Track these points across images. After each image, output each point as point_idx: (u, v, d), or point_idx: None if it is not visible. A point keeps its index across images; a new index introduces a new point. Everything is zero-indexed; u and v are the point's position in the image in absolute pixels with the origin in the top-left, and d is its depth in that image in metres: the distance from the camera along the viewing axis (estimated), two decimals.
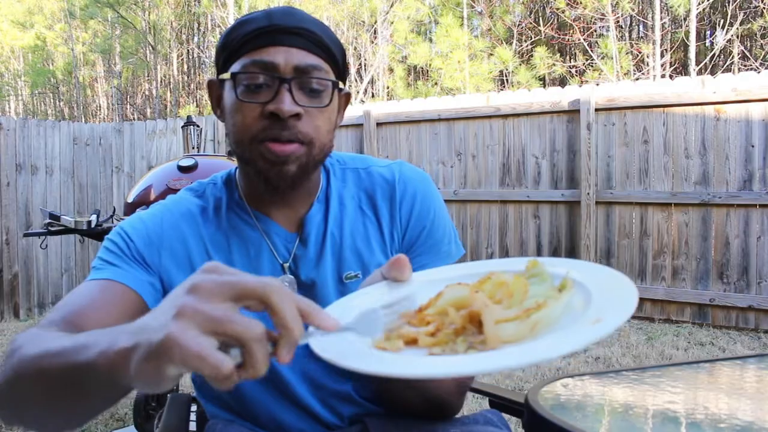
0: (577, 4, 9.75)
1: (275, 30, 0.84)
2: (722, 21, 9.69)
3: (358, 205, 0.97)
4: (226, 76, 0.87)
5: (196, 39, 15.90)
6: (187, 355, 0.46)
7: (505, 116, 5.49)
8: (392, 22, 11.47)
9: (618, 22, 9.97)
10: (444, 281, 0.63)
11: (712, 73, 8.73)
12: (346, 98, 0.96)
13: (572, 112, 5.16)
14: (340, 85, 0.90)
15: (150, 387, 0.50)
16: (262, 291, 0.49)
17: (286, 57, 0.84)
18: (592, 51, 10.05)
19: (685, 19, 9.24)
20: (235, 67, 0.86)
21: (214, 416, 0.99)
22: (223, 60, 0.89)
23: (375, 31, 11.80)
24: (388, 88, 12.04)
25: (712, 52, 9.65)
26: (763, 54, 9.63)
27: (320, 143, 0.87)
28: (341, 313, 0.61)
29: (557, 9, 10.04)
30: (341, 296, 0.89)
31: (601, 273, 0.59)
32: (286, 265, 0.92)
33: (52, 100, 16.91)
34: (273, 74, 0.84)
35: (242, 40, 0.86)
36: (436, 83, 11.14)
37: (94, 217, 2.69)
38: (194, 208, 0.94)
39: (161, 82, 14.77)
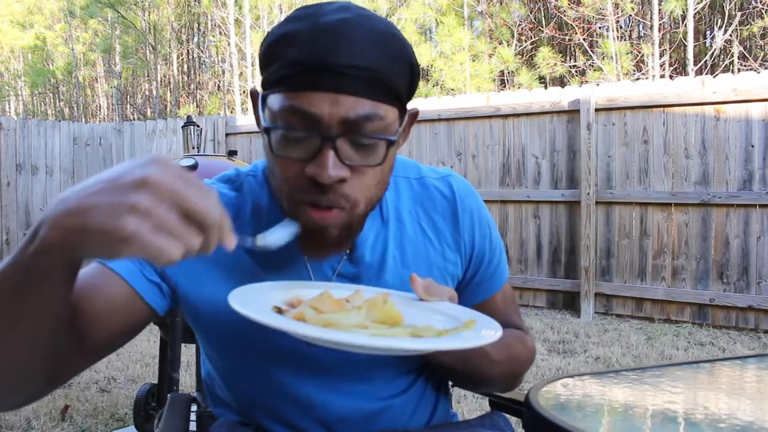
0: (578, 3, 9.75)
1: (320, 68, 0.66)
2: (721, 21, 9.70)
3: (417, 221, 0.87)
4: (265, 106, 0.74)
5: (196, 39, 15.90)
6: (147, 251, 0.49)
7: (505, 116, 5.49)
8: (392, 19, 11.44)
9: (618, 22, 9.97)
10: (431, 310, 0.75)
11: (712, 72, 8.73)
12: (412, 117, 0.80)
13: (572, 112, 5.16)
14: (399, 135, 0.75)
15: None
16: (207, 219, 0.53)
17: (331, 107, 0.67)
18: (592, 51, 10.05)
19: (683, 19, 9.25)
20: (273, 103, 0.70)
21: (221, 413, 0.94)
22: (261, 73, 0.75)
23: None
24: None
25: (711, 52, 9.65)
26: (762, 54, 9.63)
27: (367, 200, 0.74)
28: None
29: (558, 8, 10.03)
30: None
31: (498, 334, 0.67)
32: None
33: (52, 100, 16.91)
34: (315, 128, 0.68)
35: (280, 71, 0.69)
36: (437, 84, 11.13)
37: None
38: (229, 204, 0.84)
39: (161, 82, 14.77)
